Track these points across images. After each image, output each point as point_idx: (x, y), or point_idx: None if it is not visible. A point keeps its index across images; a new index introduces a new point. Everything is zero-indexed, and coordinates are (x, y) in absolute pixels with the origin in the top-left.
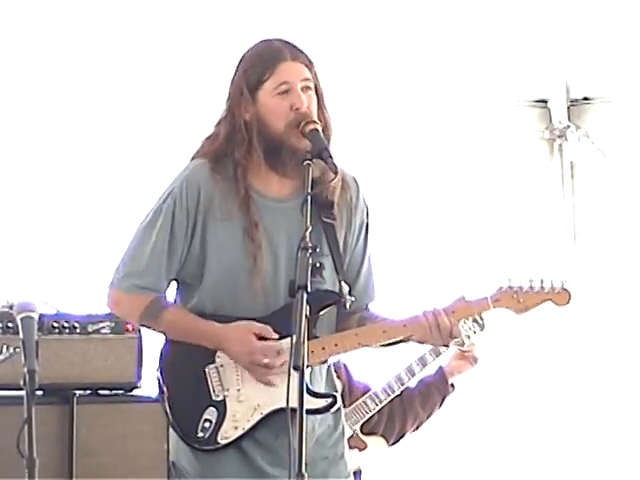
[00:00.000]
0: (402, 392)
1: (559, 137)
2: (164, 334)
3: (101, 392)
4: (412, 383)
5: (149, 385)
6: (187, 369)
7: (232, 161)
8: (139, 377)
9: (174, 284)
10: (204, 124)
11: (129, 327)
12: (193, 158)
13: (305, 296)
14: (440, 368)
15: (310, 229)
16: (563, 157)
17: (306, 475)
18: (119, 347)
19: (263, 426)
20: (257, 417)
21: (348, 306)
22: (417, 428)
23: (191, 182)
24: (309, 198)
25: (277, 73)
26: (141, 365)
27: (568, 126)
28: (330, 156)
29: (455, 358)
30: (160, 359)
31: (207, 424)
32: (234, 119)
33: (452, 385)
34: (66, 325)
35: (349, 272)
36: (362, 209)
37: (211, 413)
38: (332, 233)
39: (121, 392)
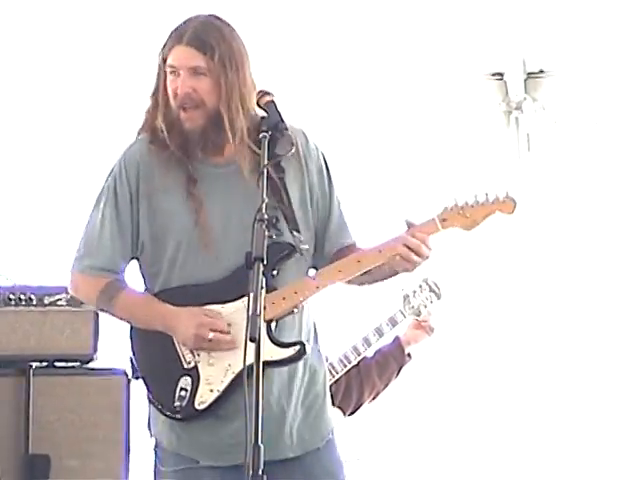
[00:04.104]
0: (359, 362)
1: (515, 109)
2: (120, 319)
3: (57, 364)
4: (369, 353)
5: (105, 357)
6: (157, 344)
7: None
8: (95, 349)
9: (135, 267)
10: None
11: None
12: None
13: (262, 268)
14: (397, 338)
15: (266, 201)
16: (519, 129)
17: (262, 447)
18: (76, 319)
19: (238, 389)
20: (230, 377)
21: (306, 254)
22: (374, 398)
23: (129, 158)
24: (265, 171)
25: (170, 55)
26: (97, 337)
27: (525, 98)
28: (286, 128)
29: (412, 328)
30: (130, 339)
31: (183, 393)
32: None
33: (409, 354)
34: (22, 297)
35: (320, 218)
36: (315, 156)
37: (186, 382)
38: (281, 186)
39: (77, 364)
